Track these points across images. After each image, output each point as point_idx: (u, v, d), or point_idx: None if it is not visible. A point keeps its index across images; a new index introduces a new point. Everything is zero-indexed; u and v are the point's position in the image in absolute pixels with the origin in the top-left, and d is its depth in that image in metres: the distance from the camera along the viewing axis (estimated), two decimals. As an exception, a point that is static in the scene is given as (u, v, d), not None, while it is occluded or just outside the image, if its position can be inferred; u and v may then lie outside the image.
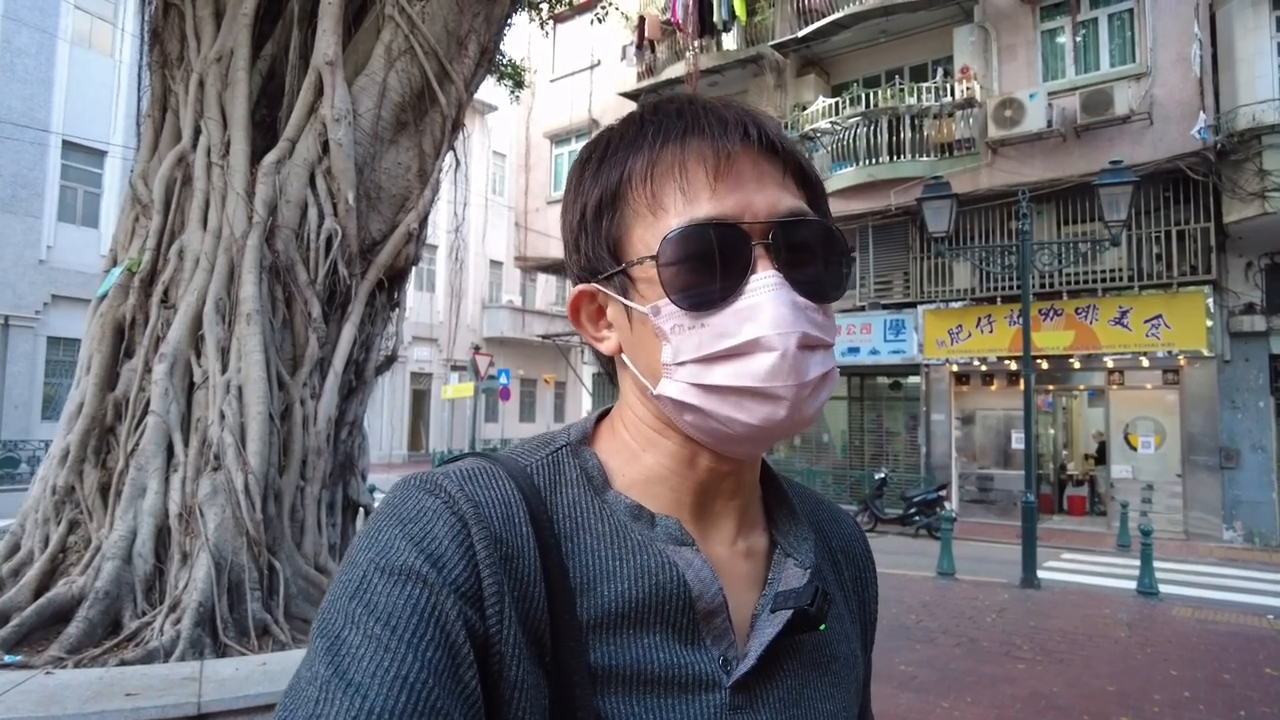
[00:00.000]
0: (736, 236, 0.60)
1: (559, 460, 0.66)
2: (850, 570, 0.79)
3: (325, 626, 0.53)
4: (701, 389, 0.60)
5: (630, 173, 0.63)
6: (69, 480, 4.46)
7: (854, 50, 15.48)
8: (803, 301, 0.60)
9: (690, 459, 0.65)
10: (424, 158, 5.34)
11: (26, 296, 17.89)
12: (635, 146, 0.63)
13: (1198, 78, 11.51)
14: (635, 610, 0.59)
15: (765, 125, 0.63)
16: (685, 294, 0.60)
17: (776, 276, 0.60)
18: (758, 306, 0.59)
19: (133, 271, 4.77)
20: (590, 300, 0.68)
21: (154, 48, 5.42)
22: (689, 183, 0.61)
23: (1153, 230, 12.48)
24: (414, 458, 26.23)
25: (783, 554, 0.69)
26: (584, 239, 0.66)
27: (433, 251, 25.66)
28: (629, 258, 0.63)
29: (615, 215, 0.64)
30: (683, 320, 0.60)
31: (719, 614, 0.62)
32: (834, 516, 0.81)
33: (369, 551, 0.55)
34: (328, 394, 4.81)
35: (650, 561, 0.61)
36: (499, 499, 0.59)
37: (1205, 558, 11.05)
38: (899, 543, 12.28)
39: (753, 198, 0.61)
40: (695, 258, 0.59)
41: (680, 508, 0.65)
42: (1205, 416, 12.16)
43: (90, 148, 19.08)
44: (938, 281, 14.43)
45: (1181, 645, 6.58)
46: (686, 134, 0.62)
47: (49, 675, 3.18)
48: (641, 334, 0.64)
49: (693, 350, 0.60)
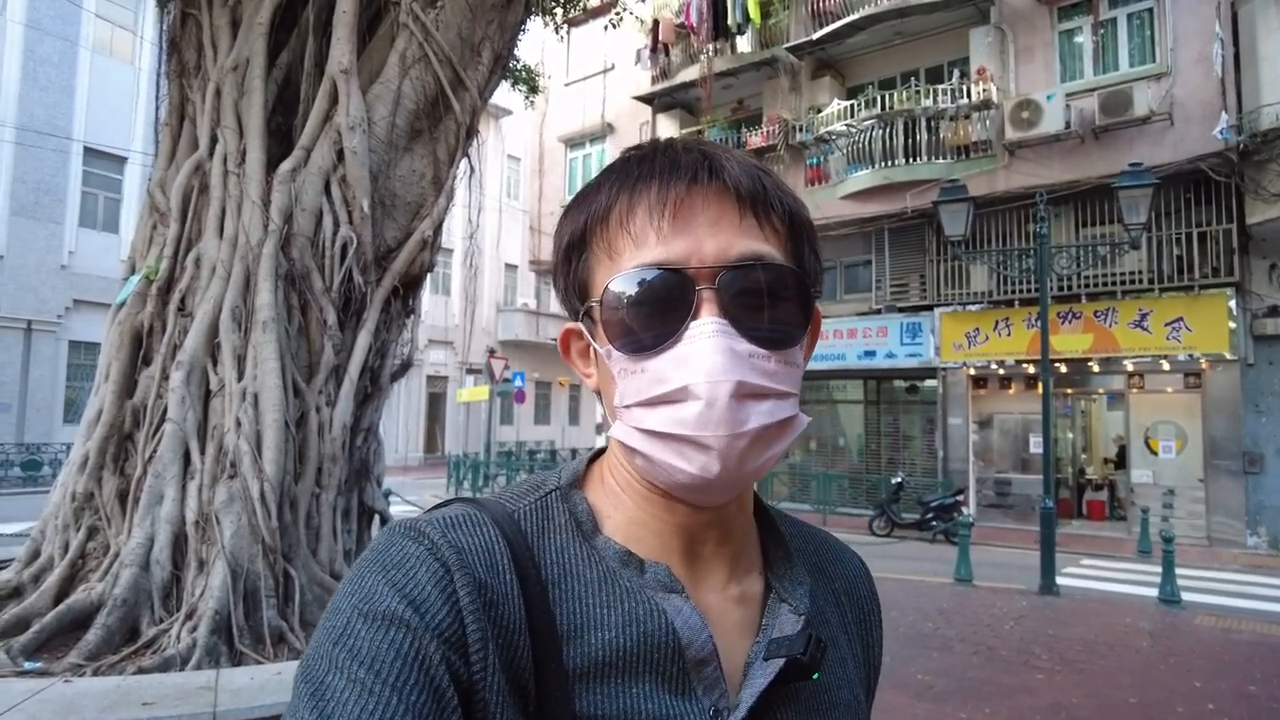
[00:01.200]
0: (679, 282, 0.59)
1: (548, 505, 0.66)
2: (854, 613, 0.77)
3: (309, 672, 0.53)
4: (643, 433, 0.61)
5: (591, 218, 0.64)
6: (88, 487, 4.51)
7: (869, 52, 15.40)
8: (747, 348, 0.59)
9: (667, 504, 0.65)
10: (438, 164, 5.36)
11: (49, 301, 18.14)
12: (598, 192, 0.65)
13: (1219, 77, 11.36)
14: (623, 659, 0.59)
15: (724, 167, 0.62)
16: (626, 339, 0.61)
17: (717, 323, 0.59)
18: (693, 354, 0.58)
19: (150, 279, 4.81)
20: (578, 337, 0.68)
21: (172, 57, 5.48)
22: (637, 228, 0.61)
23: (1173, 232, 12.32)
24: (430, 460, 26.33)
25: (777, 599, 0.68)
26: (559, 279, 0.68)
27: (448, 255, 25.78)
28: (591, 299, 0.64)
29: (581, 259, 0.65)
30: (627, 364, 0.61)
31: (709, 663, 0.61)
32: (838, 556, 0.79)
33: (352, 598, 0.56)
34: (343, 401, 4.83)
35: (639, 609, 0.60)
36: (482, 545, 0.59)
37: (1229, 565, 10.88)
38: (916, 548, 12.18)
39: (703, 242, 0.60)
40: (636, 303, 0.60)
41: (669, 553, 0.65)
42: (1228, 420, 11.98)
43: (111, 154, 19.33)
44: (955, 284, 14.31)
45: (1205, 655, 6.47)
46: (639, 180, 0.62)
47: (67, 683, 3.21)
48: (607, 374, 0.65)
49: (634, 394, 0.61)
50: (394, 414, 24.19)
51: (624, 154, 0.67)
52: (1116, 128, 12.10)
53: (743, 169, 0.63)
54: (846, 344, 15.10)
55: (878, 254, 15.07)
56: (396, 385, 5.96)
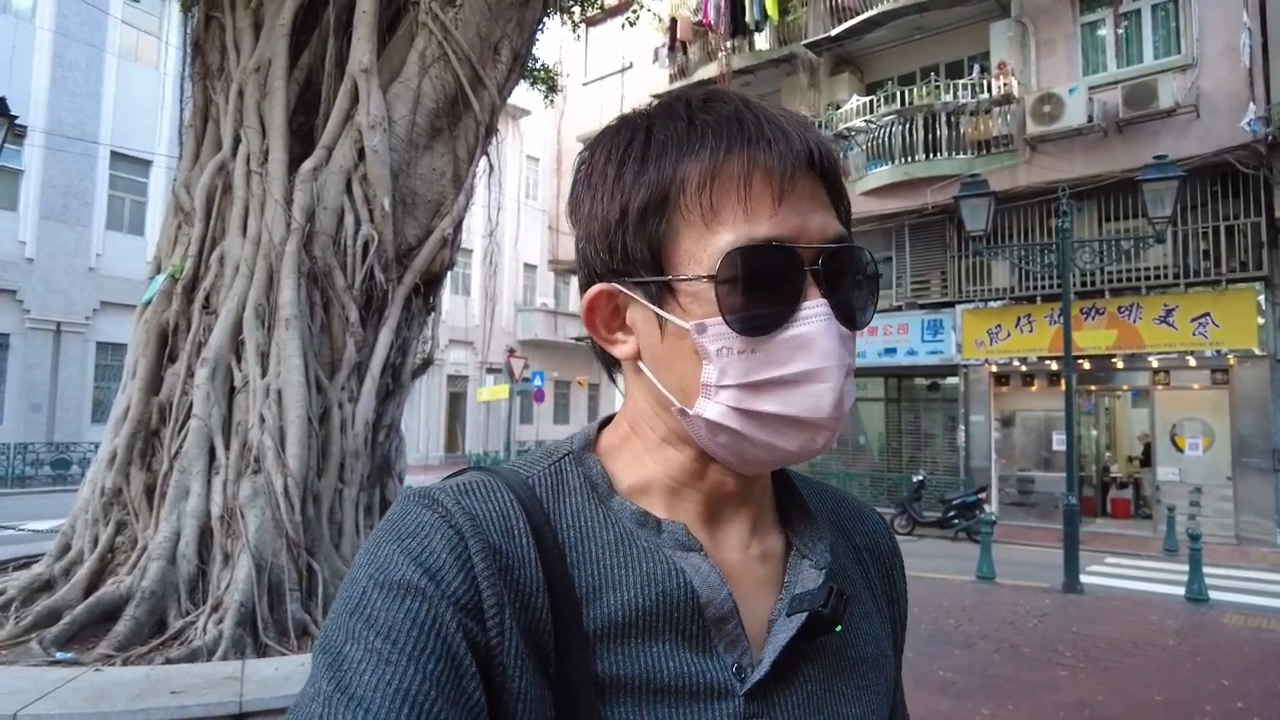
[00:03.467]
0: (793, 260, 0.58)
1: (562, 469, 0.65)
2: (877, 568, 0.77)
3: (327, 643, 0.53)
4: (743, 413, 0.59)
5: (685, 178, 0.58)
6: (116, 482, 4.58)
7: (888, 48, 15.30)
8: (846, 331, 0.60)
9: (700, 471, 0.64)
10: (458, 163, 5.40)
11: (77, 303, 18.46)
12: (689, 149, 0.59)
13: (1247, 68, 11.17)
14: (643, 618, 0.59)
15: (825, 146, 0.61)
16: (739, 316, 0.58)
17: (826, 306, 0.58)
18: (810, 337, 0.58)
19: (175, 278, 4.88)
20: (609, 300, 0.64)
21: (195, 59, 5.56)
22: (753, 199, 0.58)
23: (1199, 226, 12.13)
24: (450, 459, 26.49)
25: (798, 555, 0.67)
26: (622, 238, 0.61)
27: (468, 255, 25.91)
28: (674, 267, 0.59)
29: (662, 220, 0.59)
30: (732, 343, 0.58)
31: (730, 620, 0.60)
32: (857, 513, 0.79)
33: (368, 568, 0.56)
34: (365, 397, 4.88)
35: (656, 568, 0.60)
36: (497, 511, 0.59)
37: (1258, 563, 10.70)
38: (938, 546, 12.08)
39: (808, 221, 0.59)
40: (752, 279, 0.57)
41: (687, 513, 0.64)
42: (1257, 417, 11.78)
43: (136, 158, 19.63)
44: (976, 281, 14.18)
45: (1234, 654, 6.38)
46: (752, 145, 0.58)
47: (98, 672, 3.26)
48: (676, 348, 0.60)
49: (739, 375, 0.58)
50: (415, 412, 24.36)
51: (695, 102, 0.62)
52: (1140, 121, 11.94)
53: (820, 141, 0.61)
54: (867, 341, 15.00)
55: (898, 250, 14.96)
56: (418, 384, 6.01)
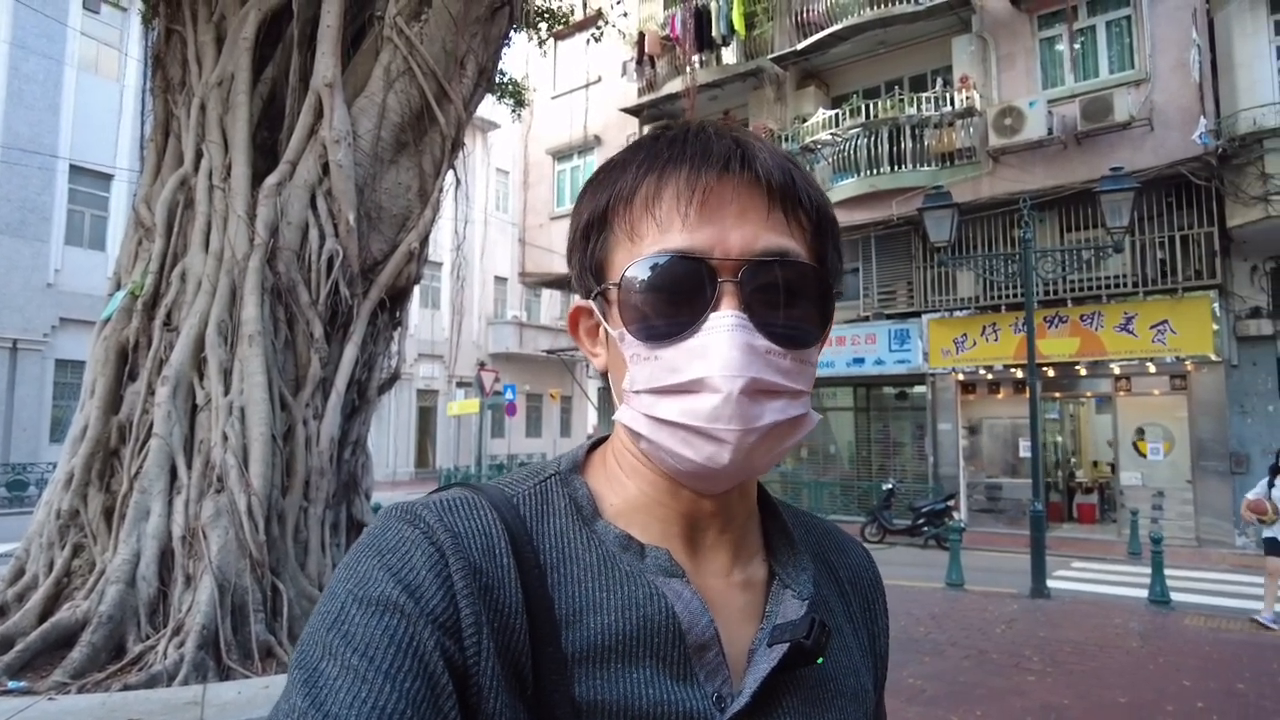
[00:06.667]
0: (701, 271, 0.58)
1: (547, 489, 0.65)
2: (858, 602, 0.76)
3: (303, 659, 0.52)
4: (650, 419, 0.60)
5: (614, 198, 0.62)
6: (73, 504, 4.48)
7: (853, 62, 15.54)
8: (764, 344, 0.59)
9: (672, 489, 0.64)
10: (424, 177, 5.38)
11: (35, 320, 18.01)
12: (624, 171, 0.63)
13: (1197, 83, 11.51)
14: (623, 643, 0.58)
15: (755, 157, 0.61)
16: (642, 324, 0.60)
17: (736, 317, 0.58)
18: (710, 346, 0.58)
19: (136, 295, 4.80)
20: (588, 316, 0.68)
21: (156, 73, 5.49)
22: (663, 213, 0.60)
23: (1156, 236, 12.45)
24: (421, 474, 26.22)
25: (781, 585, 0.67)
26: (578, 256, 0.66)
27: (437, 269, 25.78)
28: (608, 281, 0.63)
29: (600, 238, 0.64)
30: (639, 349, 0.60)
31: (710, 647, 0.60)
32: (841, 545, 0.78)
33: (347, 583, 0.55)
34: (330, 414, 4.82)
35: (638, 593, 0.59)
36: (479, 529, 0.58)
37: (1217, 564, 10.94)
38: (908, 554, 12.19)
39: (729, 233, 0.59)
40: (656, 289, 0.59)
41: (670, 538, 0.64)
42: (1214, 422, 12.07)
43: (96, 171, 19.26)
44: (942, 291, 14.41)
45: (1195, 655, 6.50)
46: (668, 163, 0.61)
47: (52, 701, 3.18)
48: (615, 357, 0.64)
49: (645, 380, 0.60)
50: (384, 428, 24.09)
51: (653, 132, 0.65)
52: (1098, 133, 12.24)
53: (775, 160, 0.61)
54: (835, 351, 15.15)
55: (865, 261, 15.15)
56: (386, 399, 5.94)
